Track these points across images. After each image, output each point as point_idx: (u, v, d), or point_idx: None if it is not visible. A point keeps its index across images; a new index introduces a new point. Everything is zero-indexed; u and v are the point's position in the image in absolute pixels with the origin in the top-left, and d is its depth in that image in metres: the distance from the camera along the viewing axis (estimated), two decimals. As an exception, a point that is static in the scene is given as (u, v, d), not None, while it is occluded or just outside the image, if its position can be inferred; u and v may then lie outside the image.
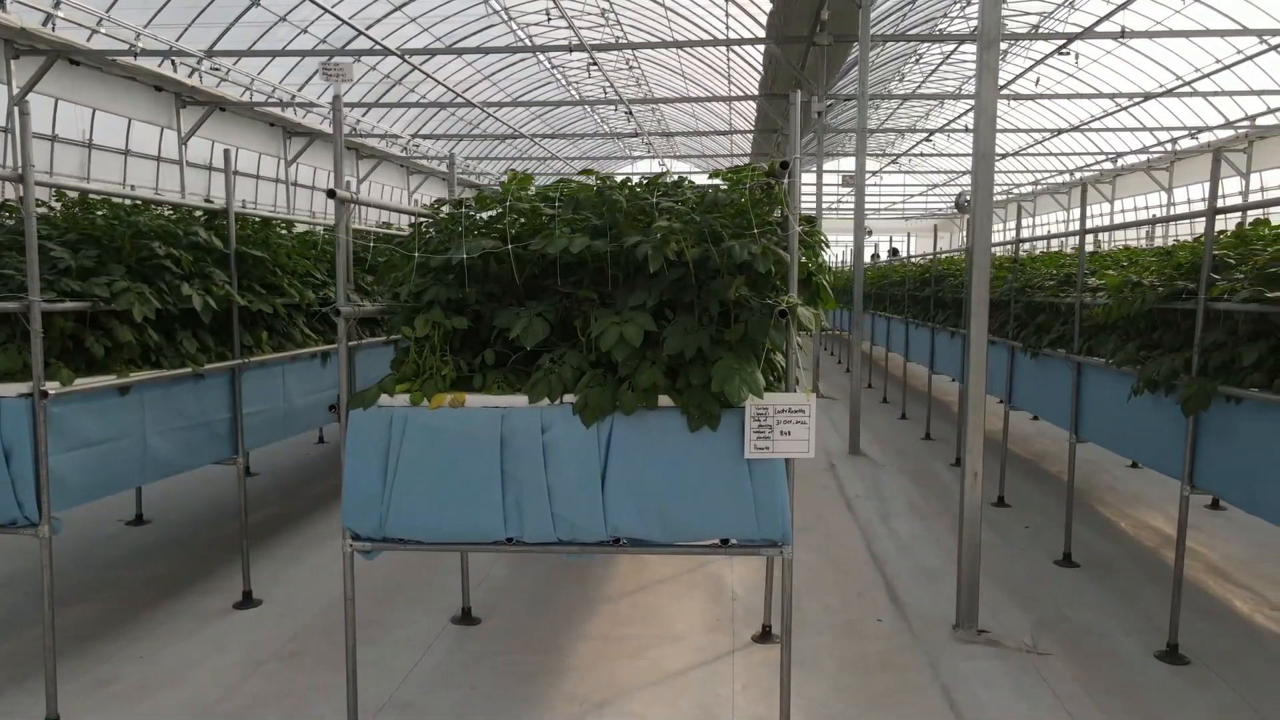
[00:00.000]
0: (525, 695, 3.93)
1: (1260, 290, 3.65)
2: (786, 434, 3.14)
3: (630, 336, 3.10)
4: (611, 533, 3.23)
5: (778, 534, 3.22)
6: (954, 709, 3.83)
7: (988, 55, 4.18)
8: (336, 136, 3.27)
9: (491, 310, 3.47)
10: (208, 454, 4.62)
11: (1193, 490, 4.28)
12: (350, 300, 3.40)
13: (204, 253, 4.56)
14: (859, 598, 5.18)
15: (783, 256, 3.14)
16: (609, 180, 3.55)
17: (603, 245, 3.27)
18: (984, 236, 4.29)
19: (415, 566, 5.51)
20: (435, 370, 3.34)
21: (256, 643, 4.45)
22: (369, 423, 3.26)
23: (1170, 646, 4.37)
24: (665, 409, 3.17)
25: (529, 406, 3.21)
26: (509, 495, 3.22)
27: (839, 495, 7.52)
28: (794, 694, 3.95)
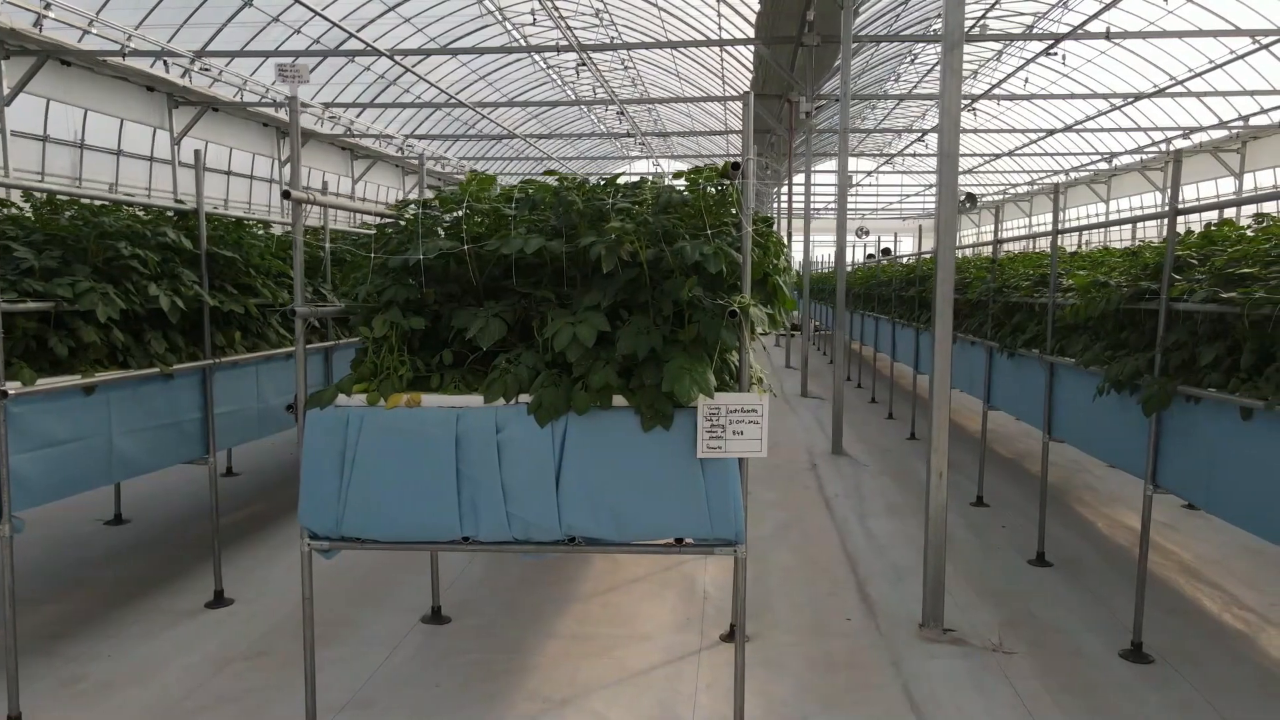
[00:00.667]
0: (488, 693, 3.95)
1: (1215, 291, 3.67)
2: (739, 434, 3.16)
3: (583, 337, 3.12)
4: (566, 532, 3.25)
5: (731, 533, 3.24)
6: (913, 707, 3.85)
7: (951, 57, 4.20)
8: (293, 136, 3.29)
9: (450, 310, 3.49)
10: (178, 454, 4.64)
11: (1156, 490, 4.30)
12: (308, 301, 3.41)
13: (173, 253, 4.58)
14: (830, 597, 5.20)
15: (735, 257, 3.16)
16: (567, 181, 3.57)
17: (558, 246, 3.29)
18: (948, 237, 4.31)
19: (388, 566, 5.53)
20: (392, 370, 3.36)
21: (225, 642, 4.47)
22: (326, 423, 3.28)
23: (1134, 645, 4.39)
24: (620, 409, 3.19)
25: (484, 406, 3.23)
26: (464, 494, 3.24)
27: (819, 495, 7.54)
28: (756, 692, 3.99)
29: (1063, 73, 25.74)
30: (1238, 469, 3.60)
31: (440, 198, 3.62)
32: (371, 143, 27.12)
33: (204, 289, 4.69)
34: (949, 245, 4.32)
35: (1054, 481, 8.11)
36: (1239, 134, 22.56)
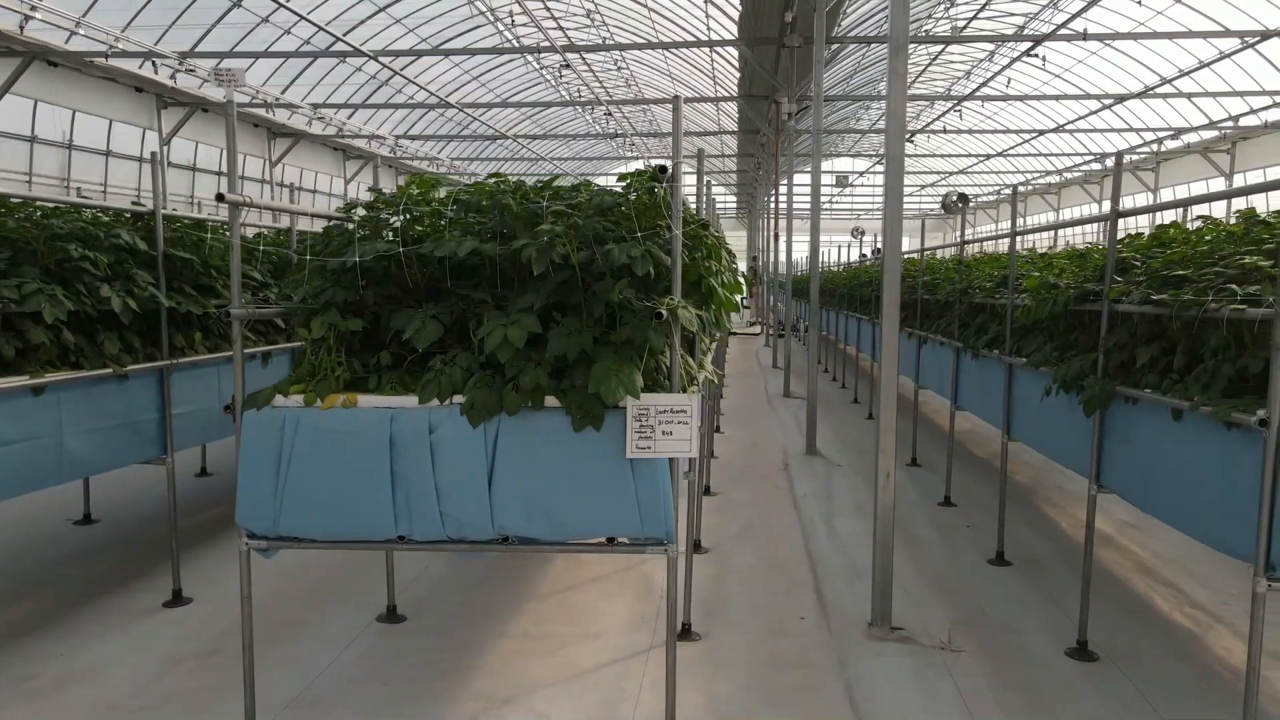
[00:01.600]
0: (435, 692, 3.99)
1: (1149, 293, 3.71)
2: (668, 434, 3.19)
3: (514, 338, 3.16)
4: (499, 531, 3.29)
5: (661, 532, 3.27)
6: (852, 706, 3.89)
7: (896, 61, 4.23)
8: (230, 140, 3.33)
9: (390, 312, 3.53)
10: (134, 454, 4.68)
11: (1100, 490, 4.33)
12: (248, 303, 3.45)
13: (128, 254, 4.61)
14: (786, 596, 5.24)
15: (664, 260, 3.20)
16: (503, 183, 3.60)
17: (492, 249, 3.33)
18: (894, 239, 4.35)
19: (348, 566, 5.57)
20: (329, 371, 3.40)
21: (179, 640, 4.51)
22: (262, 423, 3.31)
23: (1080, 644, 4.43)
24: (552, 409, 3.23)
25: (418, 407, 3.27)
26: (399, 494, 3.28)
27: (788, 495, 7.57)
28: (701, 690, 4.03)
29: (1055, 73, 25.80)
30: (1170, 469, 3.63)
31: (380, 200, 3.65)
32: (363, 143, 27.14)
33: (161, 290, 4.73)
34: (895, 248, 4.35)
35: (1024, 482, 8.15)
36: (1227, 134, 22.58)
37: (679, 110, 3.26)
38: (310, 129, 23.75)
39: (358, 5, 20.28)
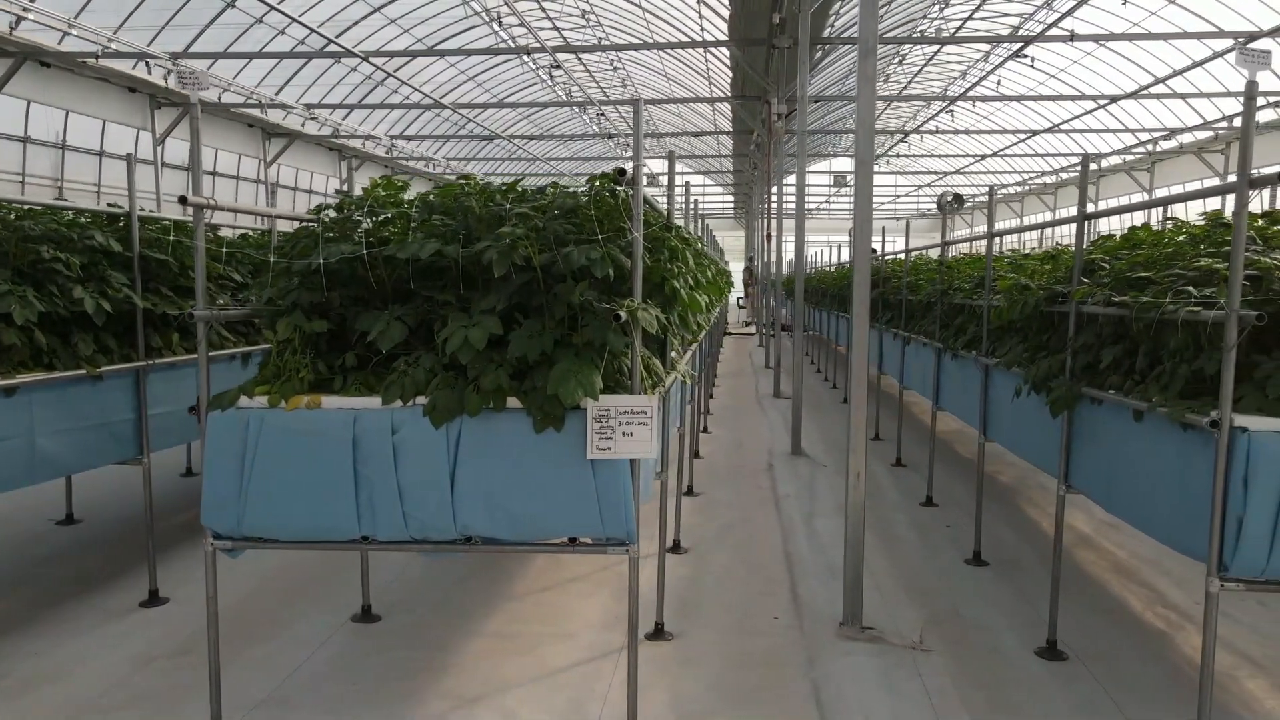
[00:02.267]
0: (404, 691, 4.01)
1: (1110, 295, 3.73)
2: (629, 435, 3.21)
3: (474, 340, 3.18)
4: (462, 531, 3.31)
5: (622, 532, 3.30)
6: (818, 704, 3.91)
7: (865, 64, 4.25)
8: (194, 144, 3.35)
9: (355, 314, 3.55)
10: (108, 455, 4.70)
11: (1068, 490, 4.36)
12: (224, 304, 3.47)
13: (102, 256, 4.63)
14: (761, 596, 5.26)
15: (624, 262, 3.22)
16: (468, 185, 3.62)
17: (454, 250, 3.35)
18: (864, 241, 4.37)
19: (325, 566, 5.59)
20: (294, 372, 3.42)
21: (153, 640, 4.53)
22: (227, 424, 3.34)
23: (1049, 643, 4.45)
24: (514, 410, 3.25)
25: (381, 408, 3.29)
26: (362, 494, 3.30)
27: (770, 495, 7.60)
28: (667, 689, 4.05)
29: (1050, 73, 25.82)
30: (1132, 470, 3.66)
31: (344, 202, 3.67)
32: (359, 144, 27.17)
33: (136, 291, 4.75)
34: (864, 250, 4.37)
35: (1007, 482, 8.17)
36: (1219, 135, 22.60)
37: (639, 113, 3.29)
38: (305, 129, 23.75)
39: (352, 5, 20.29)
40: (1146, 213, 14.27)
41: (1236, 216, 2.83)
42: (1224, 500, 2.92)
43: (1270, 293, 3.08)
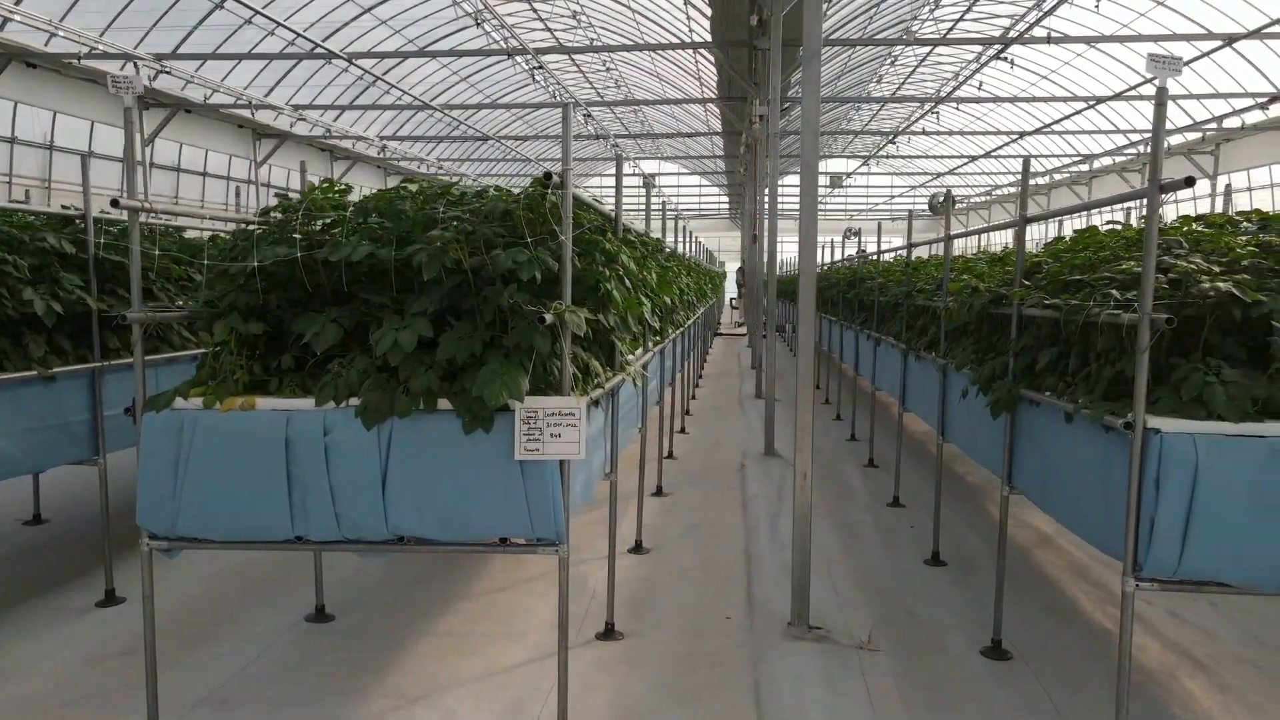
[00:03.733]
0: (347, 690, 4.04)
1: (1042, 297, 3.76)
2: (556, 436, 3.24)
3: (404, 342, 3.21)
4: (393, 531, 3.34)
5: (551, 532, 3.33)
6: (756, 704, 3.94)
7: (809, 69, 4.29)
8: (128, 149, 3.38)
9: (293, 316, 3.58)
10: (63, 455, 4.73)
11: (1012, 491, 4.39)
12: (145, 307, 3.50)
13: (55, 258, 4.66)
14: (717, 596, 5.29)
15: (551, 265, 3.26)
16: (403, 188, 3.66)
17: (387, 253, 3.38)
18: (809, 243, 4.40)
19: (284, 564, 5.62)
20: (228, 374, 3.45)
21: (105, 639, 4.56)
22: (162, 425, 3.37)
23: (994, 642, 4.49)
24: (445, 412, 3.28)
25: (313, 409, 3.32)
26: (295, 495, 3.33)
27: (738, 496, 7.63)
28: (609, 688, 4.09)
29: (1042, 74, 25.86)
30: (1063, 470, 3.69)
31: (282, 204, 3.71)
32: (350, 144, 27.21)
33: (91, 293, 4.78)
34: (810, 252, 4.41)
35: (976, 482, 8.21)
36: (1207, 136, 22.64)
37: (569, 118, 3.32)
38: (295, 130, 23.79)
39: (343, 6, 20.33)
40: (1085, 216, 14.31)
41: (1148, 221, 2.87)
42: (1138, 501, 2.95)
43: (1190, 296, 3.11)
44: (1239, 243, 3.42)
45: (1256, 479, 2.83)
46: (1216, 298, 3.01)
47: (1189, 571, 2.93)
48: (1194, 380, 2.96)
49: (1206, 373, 2.96)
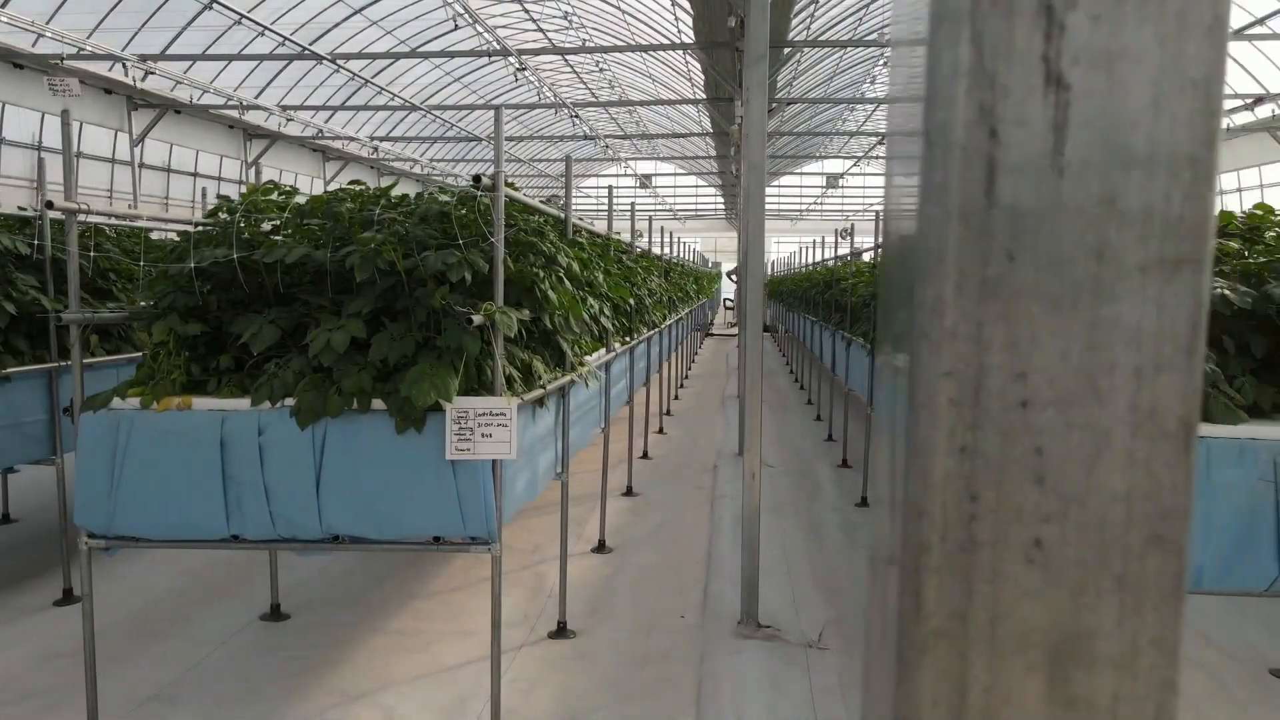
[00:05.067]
0: (292, 688, 4.07)
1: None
2: (488, 436, 3.28)
3: (336, 343, 3.25)
4: (328, 530, 3.37)
5: (483, 531, 3.36)
6: (697, 701, 3.97)
7: (755, 70, 4.32)
8: (66, 151, 3.41)
9: (233, 317, 3.62)
10: (18, 455, 4.77)
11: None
12: (82, 308, 3.53)
13: (11, 259, 4.69)
14: (675, 594, 5.32)
15: (481, 267, 3.29)
16: (343, 191, 3.69)
17: (323, 255, 3.42)
18: (757, 245, 4.43)
19: (246, 563, 5.64)
20: (166, 374, 3.48)
21: (59, 638, 4.59)
22: (99, 425, 3.40)
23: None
24: (379, 412, 3.31)
25: (248, 409, 3.35)
26: (230, 494, 3.36)
27: (708, 496, 7.66)
28: (557, 686, 4.11)
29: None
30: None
31: (222, 206, 3.74)
32: (341, 145, 27.22)
33: (47, 294, 4.81)
34: (758, 254, 4.44)
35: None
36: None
37: (500, 121, 3.35)
38: (287, 131, 23.81)
39: (334, 7, 20.35)
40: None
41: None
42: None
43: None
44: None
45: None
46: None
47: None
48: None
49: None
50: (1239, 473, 2.84)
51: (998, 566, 0.36)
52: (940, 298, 0.35)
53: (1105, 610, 0.35)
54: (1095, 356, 0.35)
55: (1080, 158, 0.34)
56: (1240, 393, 3.03)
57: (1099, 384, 0.35)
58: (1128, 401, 0.35)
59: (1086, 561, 0.36)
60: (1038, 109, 0.34)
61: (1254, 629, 4.78)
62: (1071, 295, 0.34)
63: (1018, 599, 0.36)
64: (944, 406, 0.36)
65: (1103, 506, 0.35)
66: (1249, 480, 2.83)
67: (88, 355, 5.17)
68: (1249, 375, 3.10)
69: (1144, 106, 0.34)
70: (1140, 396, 0.35)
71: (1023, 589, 0.36)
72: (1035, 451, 0.36)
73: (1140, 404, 0.35)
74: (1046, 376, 0.35)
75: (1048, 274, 0.35)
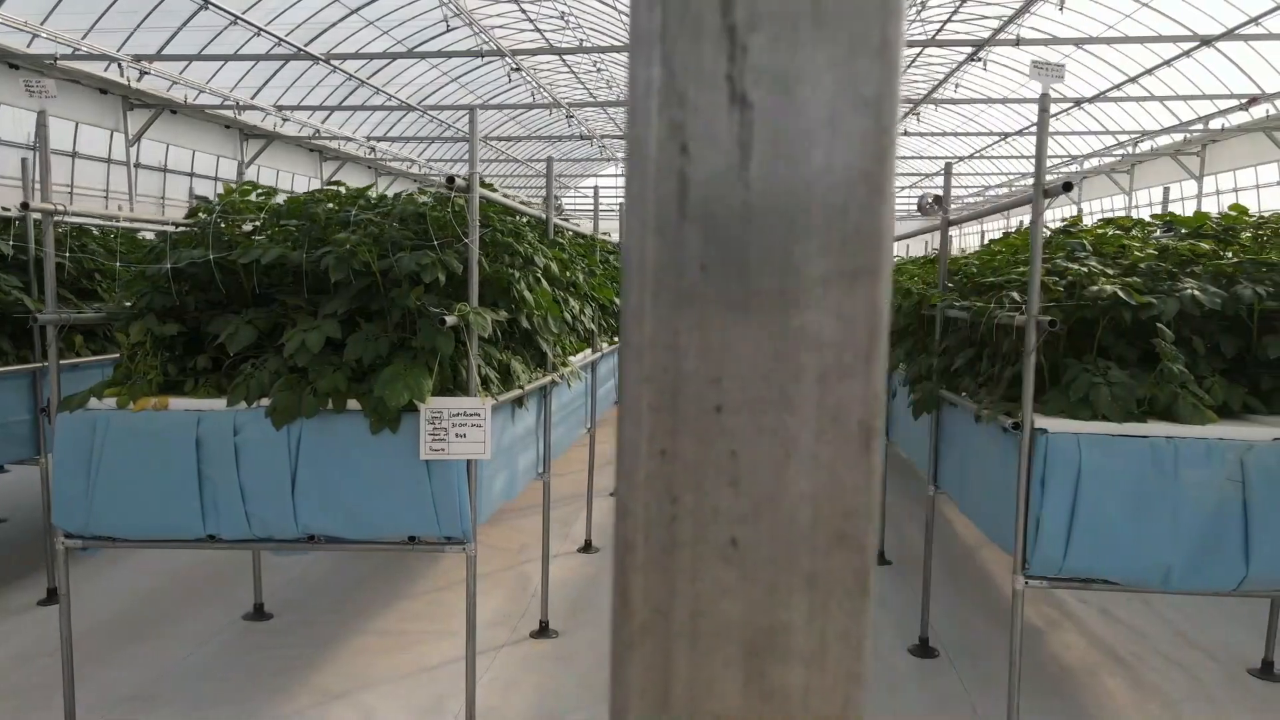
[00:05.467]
0: (273, 687, 4.08)
1: (952, 300, 3.80)
2: (462, 436, 3.29)
3: (310, 344, 3.26)
4: (303, 530, 3.38)
5: (457, 531, 3.37)
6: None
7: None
8: (42, 152, 3.42)
9: (210, 317, 3.63)
10: (3, 455, 4.78)
11: (937, 491, 4.43)
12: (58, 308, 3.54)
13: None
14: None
15: (455, 268, 3.30)
16: (319, 193, 3.70)
17: (299, 256, 3.43)
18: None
19: (231, 563, 5.65)
20: (142, 375, 3.50)
21: (41, 638, 4.59)
22: (76, 425, 3.41)
23: (921, 640, 4.53)
24: (354, 412, 3.32)
25: (224, 409, 3.36)
26: (206, 494, 3.37)
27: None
28: (534, 685, 4.13)
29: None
30: (973, 470, 3.73)
31: (199, 207, 3.75)
32: (340, 145, 27.24)
33: (31, 294, 4.82)
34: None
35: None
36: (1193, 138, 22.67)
37: (474, 120, 3.36)
38: (283, 130, 23.82)
39: (330, 7, 20.35)
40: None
41: (1033, 225, 2.91)
42: (1026, 500, 2.99)
43: (1083, 299, 3.15)
44: (1136, 246, 3.45)
45: (1137, 478, 2.87)
46: (1106, 301, 3.05)
47: (1074, 569, 2.97)
48: (1081, 381, 3.00)
49: (1094, 374, 3.00)
50: (1207, 473, 2.86)
51: (698, 565, 0.37)
52: (639, 306, 0.37)
53: (796, 606, 0.37)
54: (783, 364, 0.36)
55: (765, 173, 0.36)
56: (1210, 393, 3.04)
57: (787, 390, 0.36)
58: (813, 406, 0.36)
59: (778, 560, 0.37)
60: (724, 127, 0.36)
61: (1234, 629, 4.79)
62: (760, 305, 0.36)
63: (717, 596, 0.37)
64: (645, 411, 0.37)
65: (792, 507, 0.37)
66: (1217, 480, 2.84)
67: (73, 355, 5.18)
68: (1218, 375, 3.11)
69: (821, 124, 0.35)
70: (824, 401, 0.36)
71: (721, 587, 0.37)
72: (730, 455, 0.37)
73: (824, 409, 0.36)
74: (739, 383, 0.36)
75: (738, 284, 0.36)
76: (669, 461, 0.37)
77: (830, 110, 0.35)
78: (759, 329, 0.36)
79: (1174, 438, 2.88)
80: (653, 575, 0.38)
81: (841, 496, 0.37)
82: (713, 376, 0.37)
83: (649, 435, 0.37)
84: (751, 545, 0.37)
